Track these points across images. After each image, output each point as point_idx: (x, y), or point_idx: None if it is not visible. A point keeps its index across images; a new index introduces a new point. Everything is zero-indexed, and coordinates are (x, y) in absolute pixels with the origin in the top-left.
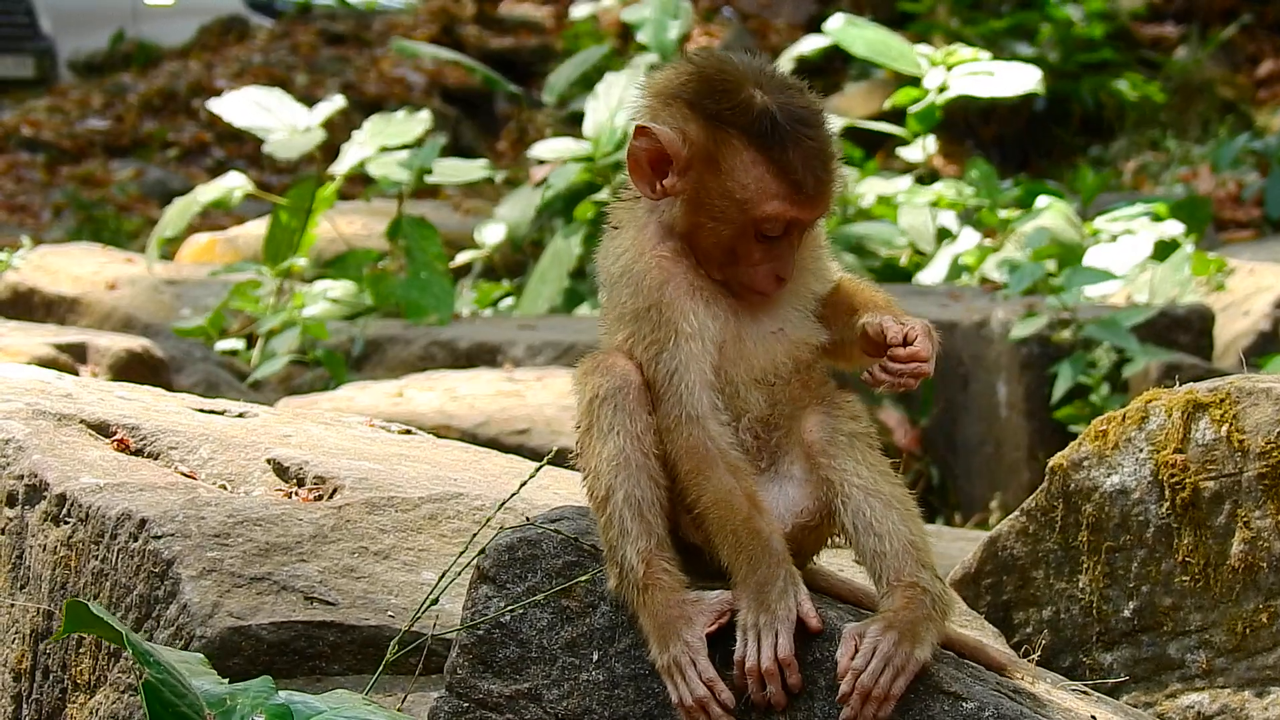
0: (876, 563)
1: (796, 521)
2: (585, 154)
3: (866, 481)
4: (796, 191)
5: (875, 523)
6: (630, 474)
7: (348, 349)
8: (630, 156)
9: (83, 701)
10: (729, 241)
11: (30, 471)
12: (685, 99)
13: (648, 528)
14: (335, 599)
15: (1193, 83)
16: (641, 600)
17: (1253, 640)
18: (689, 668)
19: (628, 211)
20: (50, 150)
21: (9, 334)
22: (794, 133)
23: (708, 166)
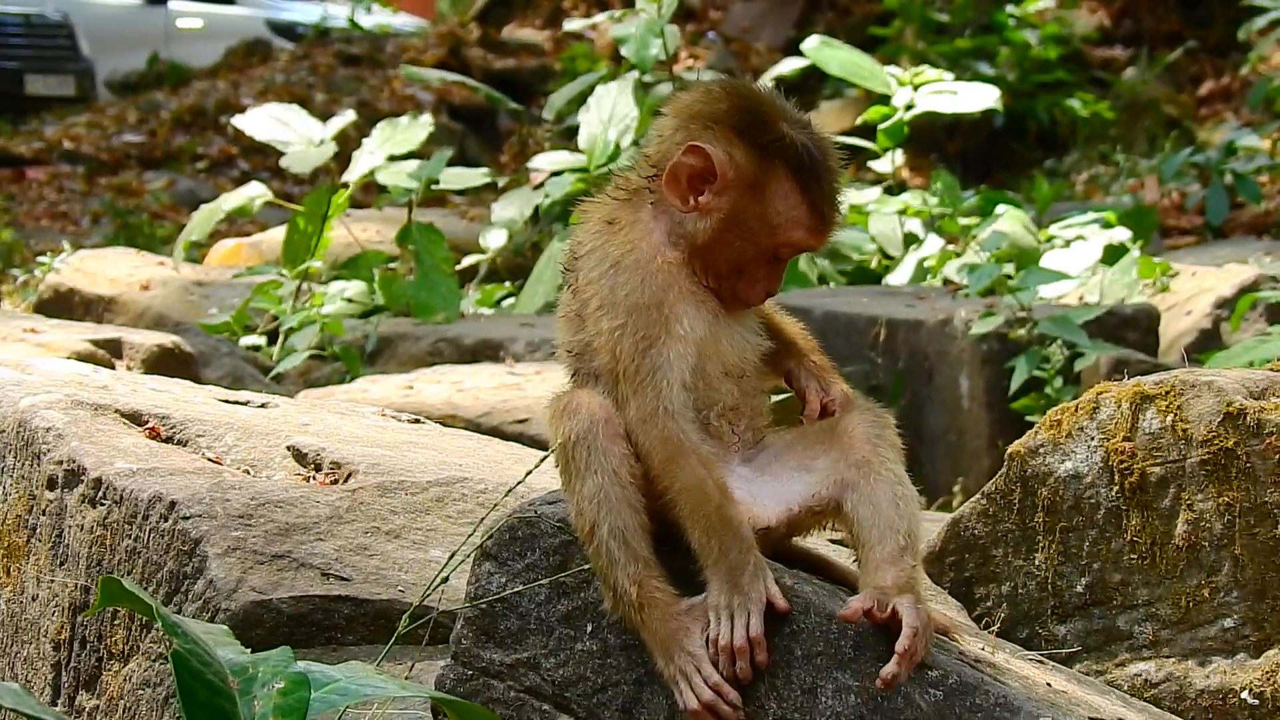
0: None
1: (805, 505)
2: (580, 165)
3: (894, 473)
4: (821, 223)
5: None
6: (610, 507)
7: (362, 345)
8: (673, 170)
9: (117, 669)
10: (745, 259)
11: (69, 457)
12: (731, 126)
13: (633, 553)
14: (350, 575)
15: (1140, 101)
16: (640, 619)
17: (1195, 614)
18: (694, 675)
19: (625, 210)
20: (89, 162)
21: (51, 331)
22: (825, 170)
23: (749, 190)
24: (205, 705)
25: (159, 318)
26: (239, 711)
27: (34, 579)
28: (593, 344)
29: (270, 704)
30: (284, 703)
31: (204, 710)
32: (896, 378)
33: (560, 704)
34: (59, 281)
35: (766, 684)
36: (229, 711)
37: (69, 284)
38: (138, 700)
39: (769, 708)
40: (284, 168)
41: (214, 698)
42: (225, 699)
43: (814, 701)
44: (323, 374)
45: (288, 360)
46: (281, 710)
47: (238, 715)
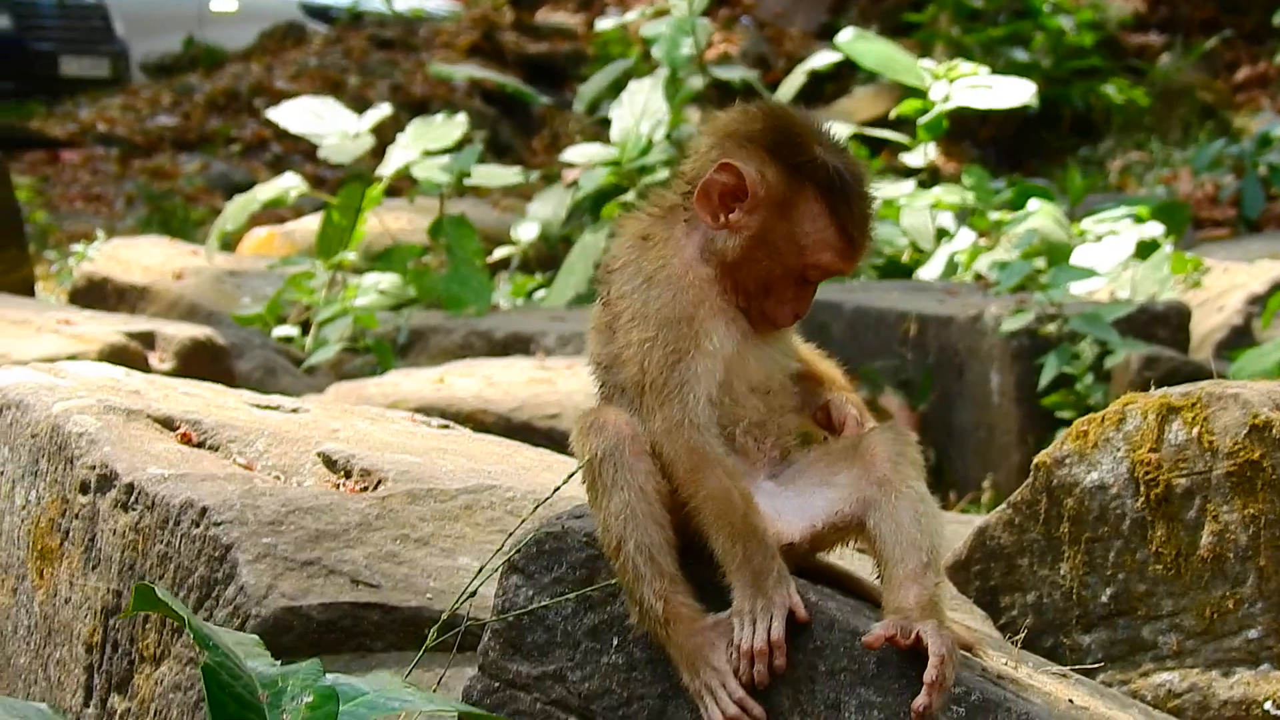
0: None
1: (829, 523)
2: (612, 158)
3: (915, 490)
4: (849, 247)
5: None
6: (637, 523)
7: (394, 337)
8: (705, 187)
9: (148, 673)
10: (773, 279)
11: (101, 462)
12: (764, 146)
13: (659, 569)
14: (379, 582)
15: (1175, 88)
16: (665, 634)
17: (1219, 624)
18: (719, 689)
19: (660, 227)
20: (123, 145)
21: (84, 322)
22: (856, 195)
23: (778, 210)
24: (234, 718)
25: (192, 307)
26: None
27: (67, 582)
28: (621, 355)
29: (299, 717)
30: (312, 716)
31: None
32: (926, 373)
33: (586, 717)
34: (93, 270)
35: (790, 699)
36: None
37: (103, 273)
38: (169, 704)
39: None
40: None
41: (243, 711)
42: (254, 712)
43: (837, 717)
44: (354, 366)
45: (320, 352)
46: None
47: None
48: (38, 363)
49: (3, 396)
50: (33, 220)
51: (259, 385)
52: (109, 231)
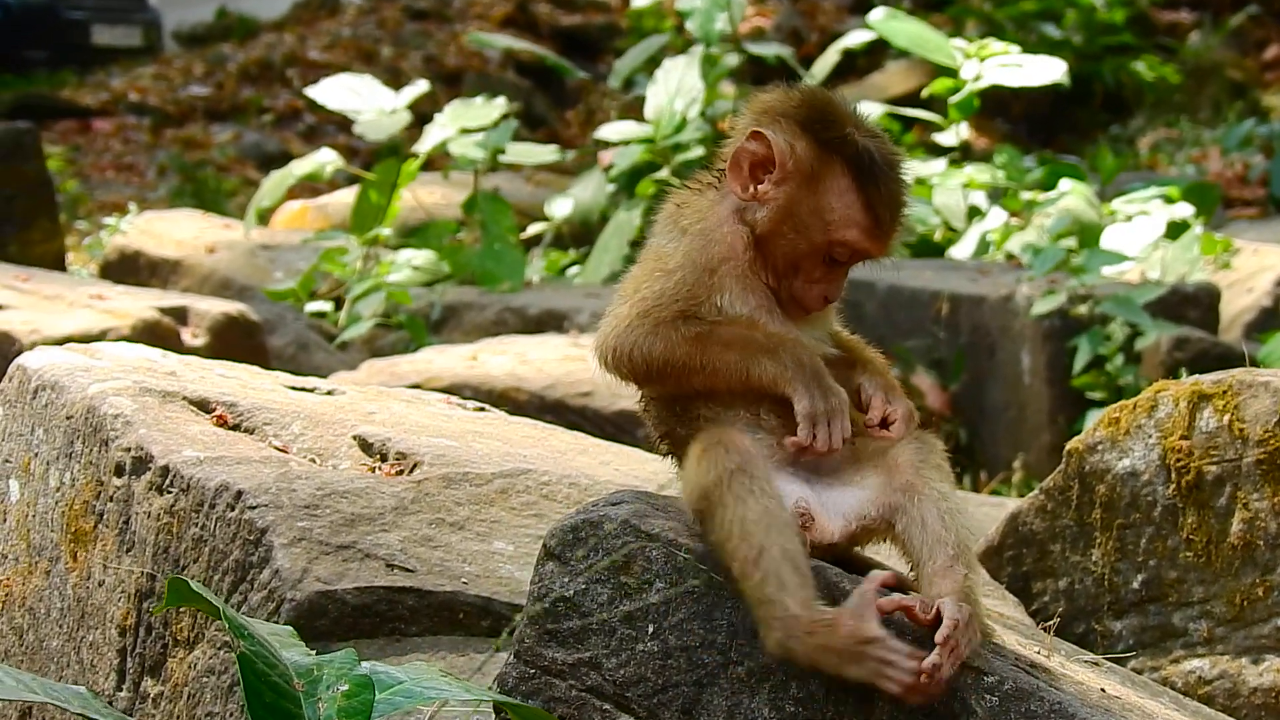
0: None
1: (861, 523)
2: (647, 135)
3: (938, 491)
4: (876, 226)
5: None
6: (781, 530)
7: (427, 314)
8: (736, 156)
9: (182, 656)
10: (799, 255)
11: (137, 444)
12: (797, 120)
13: (804, 579)
14: (414, 566)
15: (1205, 65)
16: (814, 644)
17: (1250, 612)
18: (893, 656)
19: (696, 196)
20: (156, 114)
21: (117, 297)
22: (885, 174)
23: (806, 183)
24: (271, 706)
25: (224, 281)
26: (304, 713)
27: (100, 565)
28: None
29: (335, 706)
30: (348, 705)
31: (269, 711)
32: (958, 353)
33: (621, 704)
34: (125, 243)
35: (824, 690)
36: (294, 713)
37: (135, 246)
38: (202, 687)
39: (826, 711)
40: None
41: (279, 699)
42: (290, 700)
43: (871, 706)
44: (387, 342)
45: (353, 328)
46: (346, 712)
47: (302, 717)
48: (73, 343)
49: (38, 378)
50: (64, 190)
51: (291, 361)
52: (140, 202)
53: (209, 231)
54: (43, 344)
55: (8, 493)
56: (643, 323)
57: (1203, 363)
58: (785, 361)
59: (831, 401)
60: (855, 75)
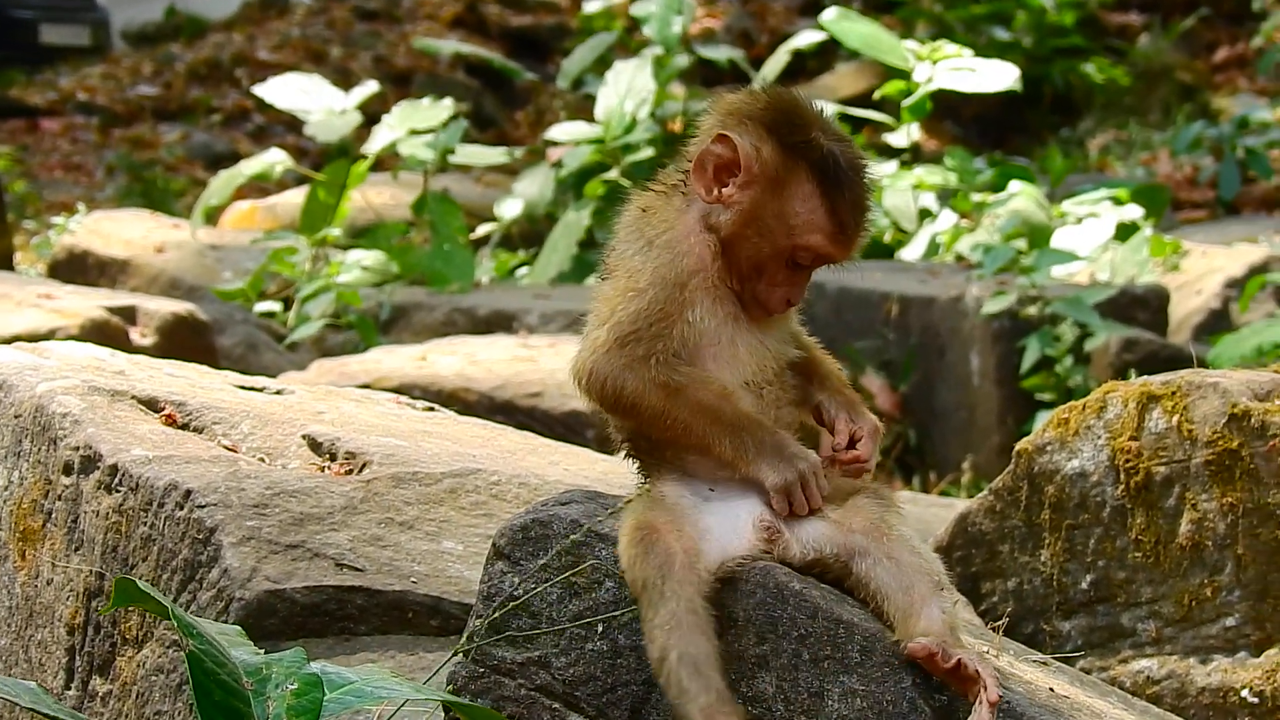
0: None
1: (817, 555)
2: (596, 136)
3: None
4: (840, 231)
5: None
6: (683, 634)
7: (376, 314)
8: (700, 159)
9: (131, 655)
10: (763, 258)
11: (85, 443)
12: (763, 123)
13: (705, 683)
14: (363, 565)
15: (1155, 68)
16: None
17: (1198, 612)
18: None
19: (661, 200)
20: (104, 114)
21: (65, 297)
22: (850, 179)
23: (770, 187)
24: (220, 705)
25: (173, 281)
26: (253, 712)
27: (49, 564)
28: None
29: (284, 705)
30: (297, 704)
31: (218, 710)
32: (908, 354)
33: (570, 703)
34: (73, 242)
35: (775, 686)
36: (243, 711)
37: (83, 245)
38: (151, 686)
39: (776, 710)
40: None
41: (229, 698)
42: (240, 699)
43: (821, 705)
44: (337, 342)
45: (303, 329)
46: (295, 711)
47: (252, 715)
48: (21, 341)
49: None
50: (12, 190)
51: (240, 361)
52: (89, 201)
53: (157, 231)
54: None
55: None
56: (620, 353)
57: (1152, 364)
58: (747, 444)
59: (799, 467)
60: (805, 76)
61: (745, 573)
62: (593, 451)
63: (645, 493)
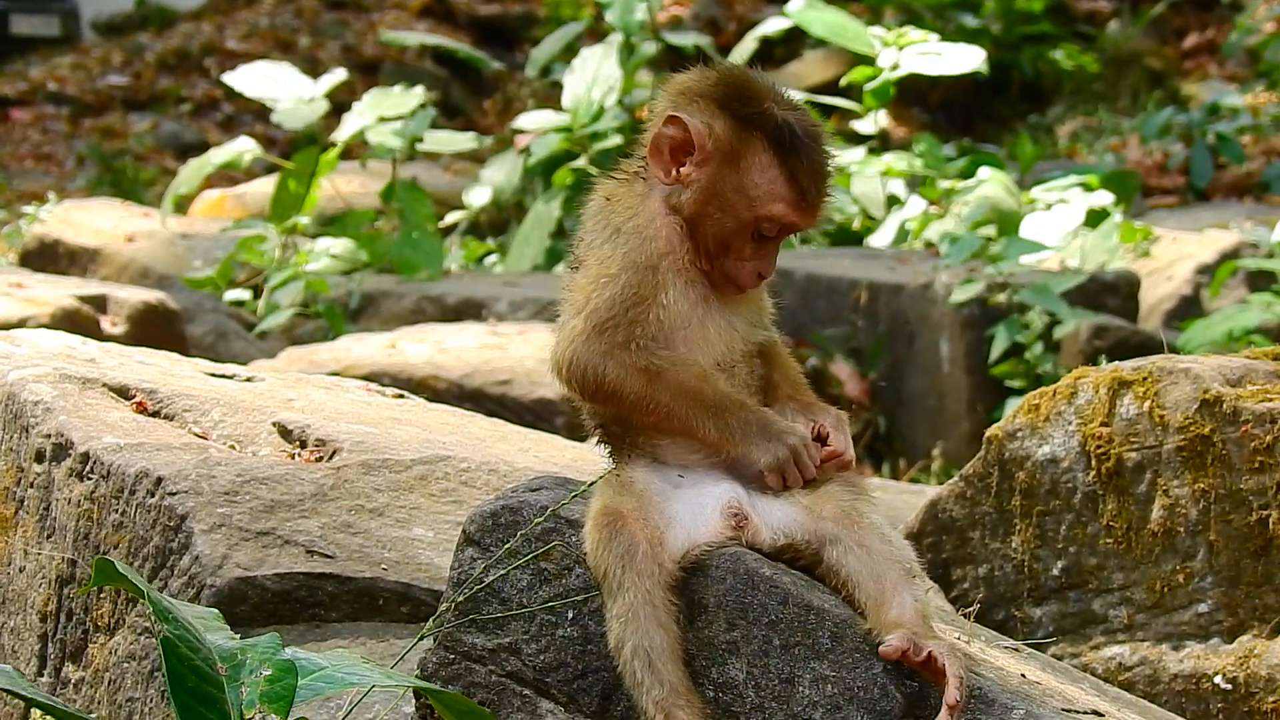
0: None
1: (788, 540)
2: (564, 125)
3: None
4: (801, 199)
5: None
6: (639, 626)
7: (346, 302)
8: (655, 142)
9: (103, 642)
10: (728, 234)
11: (57, 431)
12: (714, 99)
13: (659, 677)
14: (334, 552)
15: (1124, 54)
16: None
17: (1170, 598)
18: None
19: (624, 187)
20: (74, 104)
21: (36, 286)
22: (807, 146)
23: (727, 161)
24: (193, 691)
25: (144, 270)
26: (226, 697)
27: (21, 551)
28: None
29: (257, 690)
30: (271, 689)
31: (192, 696)
32: (877, 341)
33: (541, 689)
34: (44, 232)
35: (745, 673)
36: (217, 697)
37: (54, 235)
38: (123, 673)
39: (747, 696)
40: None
41: (202, 684)
42: (213, 685)
43: (792, 690)
44: (306, 331)
45: (272, 317)
46: (268, 697)
47: (225, 701)
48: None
49: None
50: None
51: (211, 349)
52: (60, 191)
53: (128, 220)
54: None
55: None
56: (599, 340)
57: (1122, 350)
58: (732, 425)
59: (789, 443)
60: (773, 64)
61: (715, 559)
62: (562, 438)
63: (614, 476)
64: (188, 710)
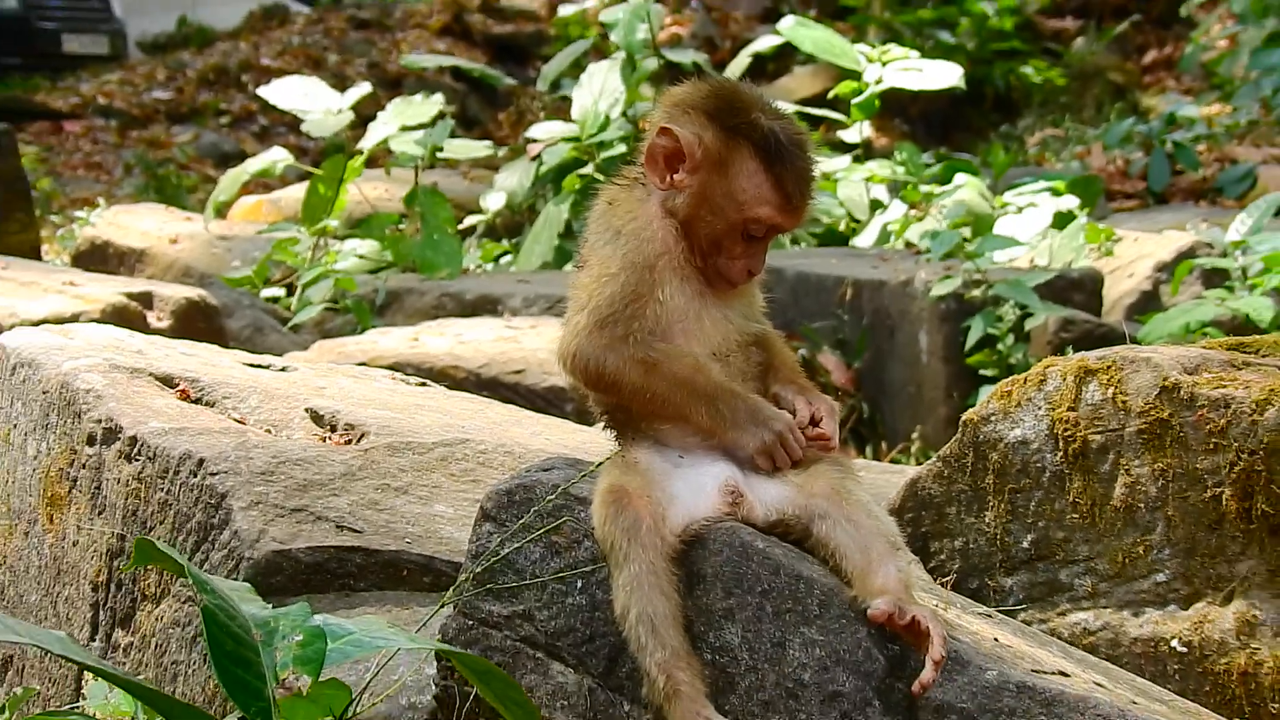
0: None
1: (780, 517)
2: (573, 135)
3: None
4: (786, 202)
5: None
6: (643, 594)
7: (372, 299)
8: (649, 151)
9: (150, 610)
10: (719, 234)
11: (107, 417)
12: (704, 110)
13: (661, 641)
14: (362, 527)
15: (1089, 69)
16: (667, 708)
17: (1130, 569)
18: None
19: (625, 192)
20: (121, 117)
21: (87, 284)
22: (791, 153)
23: (716, 169)
24: (232, 655)
25: (186, 269)
26: (262, 660)
27: (74, 526)
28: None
29: (290, 654)
30: (303, 653)
31: (230, 659)
32: (861, 333)
33: (552, 652)
34: (95, 234)
35: (740, 637)
36: (253, 661)
37: (104, 237)
38: (168, 638)
39: (742, 659)
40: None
41: (239, 648)
42: (250, 650)
43: (783, 654)
44: (336, 325)
45: (304, 312)
46: (300, 660)
47: (260, 664)
48: (48, 324)
49: (16, 356)
50: (38, 187)
51: (248, 342)
52: (108, 197)
53: (171, 224)
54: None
55: None
56: (601, 334)
57: (1087, 342)
58: (723, 412)
59: (776, 428)
60: (765, 79)
61: (713, 533)
62: (572, 423)
63: (620, 457)
64: (226, 672)
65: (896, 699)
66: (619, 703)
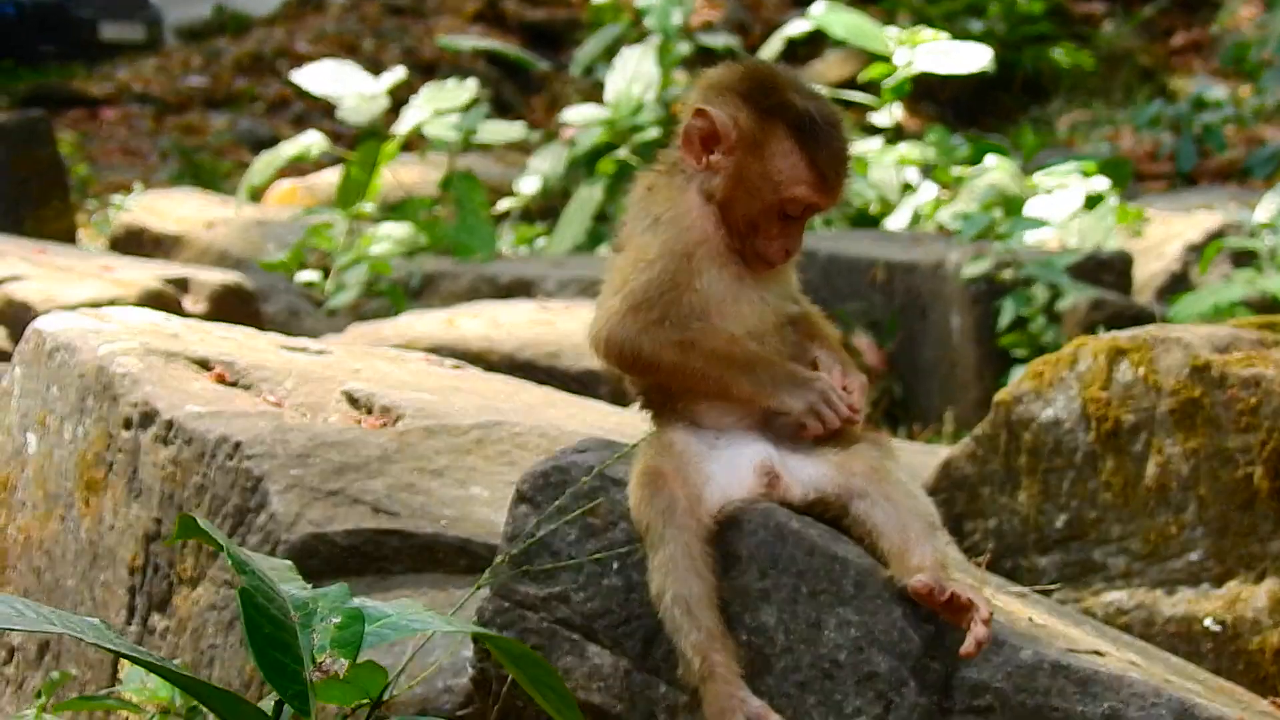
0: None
1: (818, 495)
2: (606, 118)
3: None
4: (821, 181)
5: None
6: (678, 576)
7: (407, 282)
8: (685, 132)
9: (186, 594)
10: (755, 215)
11: (144, 400)
12: (739, 92)
13: (697, 622)
14: (397, 510)
15: (1117, 52)
16: (703, 689)
17: (1163, 548)
18: None
19: (663, 179)
20: (157, 103)
21: (123, 268)
22: (826, 133)
23: (752, 149)
24: (269, 638)
25: (222, 254)
26: (299, 643)
27: (111, 510)
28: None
29: (328, 636)
30: (341, 635)
31: (268, 642)
32: (893, 315)
33: (588, 634)
34: (131, 220)
35: (776, 618)
36: (290, 644)
37: (140, 222)
38: (205, 622)
39: (778, 639)
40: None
41: (277, 631)
42: (287, 632)
43: (818, 634)
44: (371, 309)
45: (339, 296)
46: (338, 642)
47: (298, 647)
48: (85, 308)
49: (53, 340)
50: (75, 173)
51: (284, 326)
52: (145, 183)
53: (207, 208)
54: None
55: (26, 445)
56: (635, 319)
57: (1117, 322)
58: (763, 379)
59: (818, 388)
60: (797, 62)
61: (748, 514)
62: (606, 405)
63: (655, 439)
64: (263, 655)
65: (932, 678)
66: (655, 684)
